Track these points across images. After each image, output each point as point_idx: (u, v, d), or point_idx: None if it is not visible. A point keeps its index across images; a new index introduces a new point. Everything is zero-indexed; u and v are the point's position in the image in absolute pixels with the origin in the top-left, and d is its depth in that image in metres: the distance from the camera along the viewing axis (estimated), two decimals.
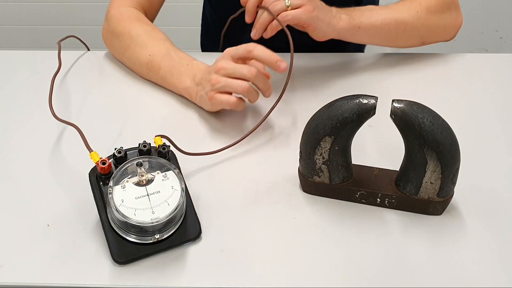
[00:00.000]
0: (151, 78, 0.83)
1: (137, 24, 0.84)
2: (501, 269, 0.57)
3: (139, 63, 0.82)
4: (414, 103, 0.58)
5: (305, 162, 0.63)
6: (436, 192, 0.60)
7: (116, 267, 0.57)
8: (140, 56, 0.81)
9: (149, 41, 0.82)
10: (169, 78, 0.79)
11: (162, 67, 0.79)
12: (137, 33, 0.82)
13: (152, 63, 0.80)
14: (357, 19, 0.80)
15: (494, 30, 2.02)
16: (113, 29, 0.85)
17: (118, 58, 0.88)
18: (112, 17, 0.86)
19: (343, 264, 0.57)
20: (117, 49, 0.86)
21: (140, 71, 0.84)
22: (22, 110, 0.78)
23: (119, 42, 0.84)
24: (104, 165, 0.57)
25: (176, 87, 0.79)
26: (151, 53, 0.80)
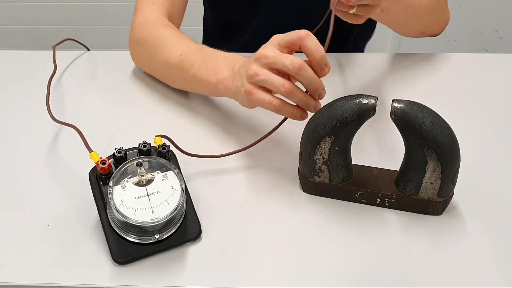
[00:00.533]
0: (181, 80, 0.77)
1: (163, 28, 0.79)
2: (501, 269, 0.57)
3: (168, 66, 0.76)
4: (414, 103, 0.58)
5: (305, 162, 0.63)
6: (436, 192, 0.60)
7: (116, 267, 0.57)
8: (169, 57, 0.75)
9: (178, 41, 0.76)
10: (202, 72, 0.71)
11: (195, 63, 0.72)
12: (164, 35, 0.78)
13: (183, 62, 0.73)
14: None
15: (494, 30, 2.02)
16: (138, 37, 0.81)
17: (145, 66, 0.83)
18: (136, 25, 0.81)
19: (343, 264, 0.57)
20: (144, 56, 0.81)
21: (169, 75, 0.78)
22: (22, 111, 0.78)
23: (144, 48, 0.80)
24: (104, 165, 0.57)
25: (210, 82, 0.70)
26: (182, 53, 0.74)
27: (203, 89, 0.74)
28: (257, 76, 0.60)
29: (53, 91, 0.82)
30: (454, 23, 1.98)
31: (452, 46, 2.04)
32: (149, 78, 0.84)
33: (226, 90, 0.68)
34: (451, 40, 2.03)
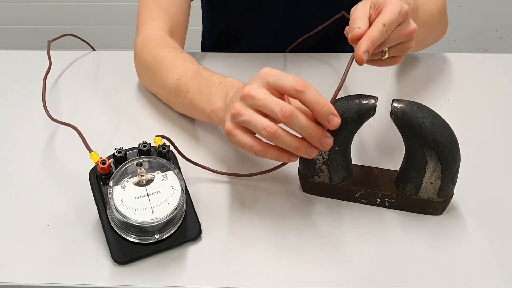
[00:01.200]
0: (180, 105, 0.74)
1: (161, 48, 0.76)
2: (501, 269, 0.57)
3: (167, 90, 0.73)
4: (414, 103, 0.58)
5: (305, 162, 0.63)
6: (436, 192, 0.60)
7: (116, 267, 0.57)
8: (167, 81, 0.72)
9: (176, 62, 0.73)
10: (197, 99, 0.68)
11: (190, 89, 0.69)
12: (161, 56, 0.74)
13: (180, 87, 0.70)
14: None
15: (494, 30, 2.02)
16: (139, 58, 0.78)
17: (149, 88, 0.80)
18: (138, 44, 0.79)
19: (343, 264, 0.57)
20: (146, 78, 0.79)
21: (169, 99, 0.75)
22: (22, 110, 0.78)
23: (145, 70, 0.77)
24: (104, 165, 0.57)
25: (204, 110, 0.66)
26: (178, 77, 0.71)
27: (200, 116, 0.70)
28: (240, 116, 0.55)
29: (54, 91, 0.82)
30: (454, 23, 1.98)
31: (452, 46, 2.04)
32: None
33: (219, 121, 0.65)
34: (451, 40, 2.03)
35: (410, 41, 0.61)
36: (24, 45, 2.05)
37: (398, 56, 0.62)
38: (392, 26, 0.57)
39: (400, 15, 0.57)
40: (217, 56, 0.82)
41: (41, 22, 2.00)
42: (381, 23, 0.56)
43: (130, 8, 1.92)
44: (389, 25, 0.56)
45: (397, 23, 0.58)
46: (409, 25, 0.59)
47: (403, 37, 0.59)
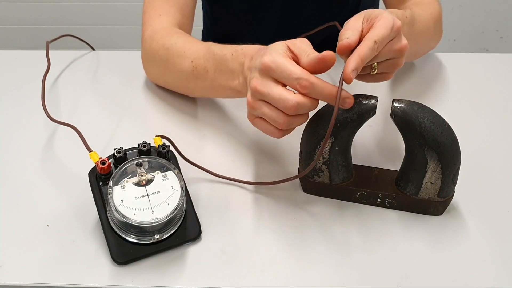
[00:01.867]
0: (201, 88, 0.73)
1: (169, 36, 0.75)
2: (502, 269, 0.57)
3: (184, 75, 0.72)
4: (414, 103, 0.58)
5: (305, 162, 0.63)
6: (437, 192, 0.60)
7: (116, 267, 0.57)
8: (182, 66, 0.72)
9: (186, 45, 0.72)
10: (219, 78, 0.67)
11: (209, 69, 0.68)
12: (171, 43, 0.73)
13: (197, 69, 0.70)
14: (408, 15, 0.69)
15: (494, 30, 2.02)
16: (148, 51, 0.77)
17: (161, 81, 0.80)
18: (146, 39, 0.78)
19: (343, 264, 0.57)
20: (157, 70, 0.78)
21: (187, 85, 0.74)
22: (21, 111, 0.78)
23: (156, 62, 0.77)
24: (104, 165, 0.57)
25: (231, 86, 0.66)
26: (193, 59, 0.70)
27: (227, 94, 0.69)
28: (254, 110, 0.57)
29: (53, 91, 0.82)
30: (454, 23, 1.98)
31: (452, 46, 2.04)
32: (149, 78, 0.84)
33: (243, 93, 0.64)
34: (451, 40, 2.03)
35: (400, 58, 0.58)
36: (23, 45, 2.05)
37: (387, 72, 0.60)
38: (383, 42, 0.55)
39: (392, 31, 0.55)
40: None
41: (40, 22, 2.00)
42: (372, 40, 0.54)
43: (129, 8, 1.92)
44: (381, 41, 0.54)
45: (389, 39, 0.56)
46: (401, 41, 0.57)
47: (393, 53, 0.57)
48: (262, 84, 0.55)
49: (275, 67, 0.54)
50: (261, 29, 0.99)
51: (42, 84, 0.78)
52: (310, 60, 0.54)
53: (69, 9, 1.97)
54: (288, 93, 0.54)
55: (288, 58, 0.55)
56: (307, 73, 0.54)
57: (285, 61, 0.54)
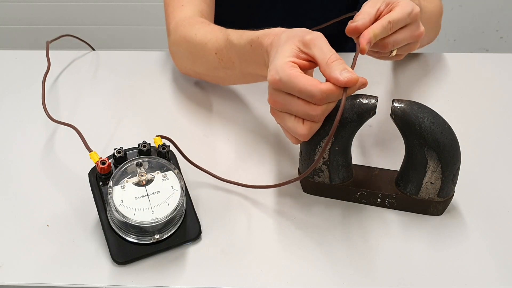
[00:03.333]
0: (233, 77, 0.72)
1: (190, 28, 0.75)
2: (502, 269, 0.57)
3: (212, 67, 0.72)
4: (414, 103, 0.58)
5: (305, 162, 0.63)
6: (437, 192, 0.60)
7: (116, 267, 0.57)
8: (207, 58, 0.71)
9: (206, 36, 0.71)
10: (247, 67, 0.66)
11: (234, 60, 0.67)
12: (191, 35, 0.73)
13: (223, 60, 0.69)
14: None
15: (494, 30, 2.02)
16: (173, 43, 0.78)
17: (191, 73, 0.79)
18: (171, 31, 0.78)
19: (343, 264, 0.57)
20: (184, 62, 0.78)
21: (218, 75, 0.73)
22: (21, 111, 0.78)
23: (181, 54, 0.77)
24: (104, 165, 0.57)
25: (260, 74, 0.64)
26: (216, 50, 0.69)
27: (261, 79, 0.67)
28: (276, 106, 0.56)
29: (54, 91, 0.82)
30: (454, 23, 1.98)
31: (452, 46, 2.04)
32: (149, 78, 0.84)
33: None
34: (451, 40, 2.03)
35: (416, 43, 0.63)
36: (23, 45, 2.05)
37: (401, 54, 0.65)
38: (397, 25, 0.58)
39: (410, 17, 0.59)
40: None
41: (40, 22, 2.00)
42: (386, 20, 0.58)
43: (129, 8, 1.92)
44: (395, 23, 0.58)
45: (404, 23, 0.59)
46: (419, 28, 0.61)
47: (412, 38, 0.61)
48: (277, 101, 0.55)
49: (283, 85, 0.53)
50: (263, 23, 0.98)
51: (42, 84, 0.78)
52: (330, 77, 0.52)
53: (69, 9, 1.96)
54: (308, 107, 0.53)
55: (292, 71, 0.53)
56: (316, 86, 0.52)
57: (290, 77, 0.52)
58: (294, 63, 0.54)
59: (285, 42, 0.56)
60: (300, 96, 0.53)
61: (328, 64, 0.53)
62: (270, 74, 0.54)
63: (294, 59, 0.54)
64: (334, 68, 0.53)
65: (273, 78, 0.53)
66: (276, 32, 0.59)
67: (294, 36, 0.56)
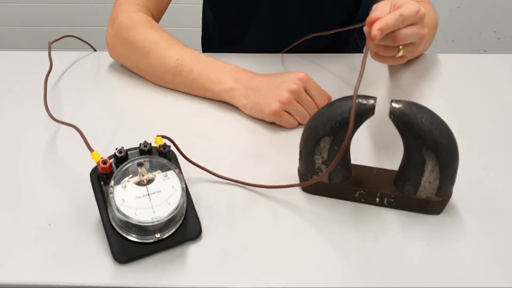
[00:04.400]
0: (178, 84, 0.80)
1: (153, 31, 0.82)
2: (500, 269, 0.57)
3: (164, 68, 0.80)
4: (413, 103, 0.58)
5: (304, 162, 0.63)
6: (435, 191, 0.60)
7: (117, 266, 0.57)
8: (165, 61, 0.79)
9: (171, 46, 0.80)
10: (203, 80, 0.77)
11: (194, 70, 0.78)
12: (155, 39, 0.80)
13: (181, 66, 0.78)
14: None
15: (492, 31, 2.02)
16: (124, 36, 0.82)
17: (130, 65, 0.85)
18: (121, 23, 0.83)
19: (343, 263, 0.58)
20: (130, 56, 0.83)
21: (164, 77, 0.81)
22: (23, 111, 0.79)
23: (133, 49, 0.82)
24: (105, 164, 0.58)
25: (212, 89, 0.77)
26: (178, 57, 0.78)
27: (203, 94, 0.79)
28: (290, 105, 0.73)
29: (55, 91, 0.82)
30: (452, 24, 1.99)
31: (450, 47, 2.04)
32: None
33: (232, 100, 0.76)
34: (449, 41, 2.04)
35: (420, 44, 0.65)
36: (26, 46, 2.05)
37: (405, 56, 0.67)
38: (407, 18, 0.61)
39: (417, 15, 0.62)
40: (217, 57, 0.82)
41: (42, 23, 2.00)
42: (398, 13, 0.61)
43: None
44: (405, 17, 0.61)
45: (413, 19, 0.62)
46: (424, 28, 0.64)
47: (417, 36, 0.63)
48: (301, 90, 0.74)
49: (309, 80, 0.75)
50: (263, 22, 0.99)
51: (44, 85, 0.78)
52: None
53: (71, 10, 1.97)
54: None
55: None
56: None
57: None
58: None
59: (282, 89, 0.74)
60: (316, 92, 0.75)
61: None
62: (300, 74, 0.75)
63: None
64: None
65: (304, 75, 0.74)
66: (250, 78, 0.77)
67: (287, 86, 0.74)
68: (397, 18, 0.61)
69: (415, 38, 0.64)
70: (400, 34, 0.62)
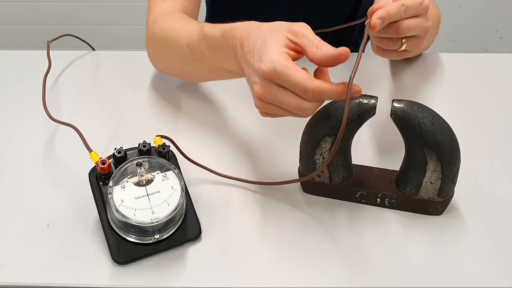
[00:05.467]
0: (201, 72, 0.71)
1: (167, 20, 0.73)
2: (501, 269, 0.57)
3: (182, 59, 0.70)
4: (414, 103, 0.58)
5: (305, 162, 0.63)
6: (436, 192, 0.60)
7: (116, 267, 0.57)
8: (179, 50, 0.69)
9: (181, 28, 0.70)
10: (215, 60, 0.65)
11: (205, 51, 0.65)
12: (167, 26, 0.71)
13: (194, 52, 0.67)
14: None
15: (494, 30, 2.02)
16: (150, 36, 0.76)
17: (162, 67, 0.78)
18: (149, 23, 0.77)
19: (343, 264, 0.57)
20: (156, 55, 0.77)
21: (186, 68, 0.72)
22: (22, 110, 0.78)
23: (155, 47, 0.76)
24: (104, 165, 0.57)
25: (227, 68, 0.63)
26: (188, 42, 0.67)
27: (226, 75, 0.67)
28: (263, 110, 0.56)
29: (54, 91, 0.82)
30: (454, 23, 1.98)
31: (452, 46, 2.04)
32: (149, 77, 0.84)
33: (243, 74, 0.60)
34: (451, 40, 2.03)
35: (423, 38, 0.62)
36: (24, 45, 2.05)
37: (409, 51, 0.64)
38: (410, 9, 0.59)
39: (421, 7, 0.60)
40: None
41: (40, 22, 2.00)
42: (400, 2, 0.58)
43: (129, 8, 1.92)
44: (408, 7, 0.58)
45: (416, 11, 0.59)
46: (427, 20, 0.62)
47: (421, 29, 0.61)
48: (269, 92, 0.53)
49: (277, 77, 0.52)
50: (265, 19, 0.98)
51: (43, 84, 0.78)
52: (322, 55, 0.52)
53: (69, 9, 1.96)
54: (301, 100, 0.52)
55: (288, 62, 0.52)
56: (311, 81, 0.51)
57: (286, 69, 0.51)
58: (287, 54, 0.53)
59: (271, 32, 0.54)
60: (292, 89, 0.52)
61: (317, 47, 0.52)
62: (264, 64, 0.52)
63: (287, 50, 0.53)
64: (323, 48, 0.52)
65: (267, 68, 0.51)
66: (250, 23, 0.58)
67: (280, 27, 0.55)
68: (399, 7, 0.58)
69: (418, 31, 0.61)
70: (402, 25, 0.59)
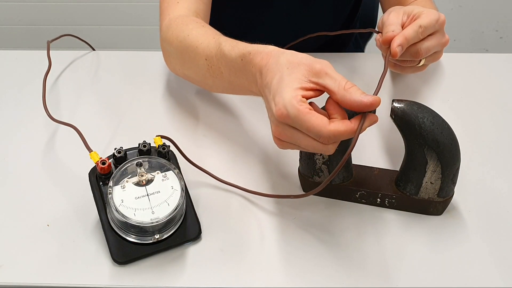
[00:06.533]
0: (221, 87, 0.68)
1: (184, 27, 0.70)
2: (501, 269, 0.57)
3: (200, 72, 0.68)
4: (414, 103, 0.58)
5: (305, 162, 0.63)
6: (436, 192, 0.60)
7: (116, 267, 0.57)
8: (197, 62, 0.67)
9: (198, 39, 0.67)
10: (235, 80, 0.62)
11: (223, 70, 0.63)
12: (183, 35, 0.69)
13: (212, 68, 0.65)
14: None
15: (494, 30, 2.02)
16: (165, 41, 0.74)
17: (180, 73, 0.75)
18: (163, 28, 0.74)
19: (343, 264, 0.57)
20: (173, 61, 0.74)
21: (206, 81, 0.69)
22: (22, 110, 0.78)
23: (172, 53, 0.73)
24: (104, 165, 0.57)
25: (249, 89, 0.61)
26: (206, 57, 0.65)
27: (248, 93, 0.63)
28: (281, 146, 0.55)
29: (54, 91, 0.82)
30: (454, 23, 1.98)
31: (452, 46, 2.04)
32: (149, 77, 0.84)
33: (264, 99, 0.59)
34: (451, 40, 2.03)
35: (442, 51, 0.64)
36: (24, 45, 2.05)
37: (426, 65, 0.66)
38: (427, 29, 0.59)
39: (437, 23, 0.61)
40: None
41: (40, 22, 2.00)
42: (417, 24, 0.58)
43: (129, 8, 1.92)
44: (425, 27, 0.59)
45: (433, 29, 0.60)
46: (445, 35, 0.63)
47: (440, 45, 0.62)
48: (284, 134, 0.53)
49: (291, 121, 0.51)
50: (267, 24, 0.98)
51: (43, 84, 0.78)
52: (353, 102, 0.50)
53: (69, 9, 1.96)
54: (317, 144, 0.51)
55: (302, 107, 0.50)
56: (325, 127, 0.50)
57: (300, 114, 0.50)
58: (302, 97, 0.51)
59: (290, 69, 0.52)
60: (307, 134, 0.51)
61: (346, 90, 0.51)
62: (277, 108, 0.51)
63: (303, 92, 0.51)
64: (353, 93, 0.50)
65: (281, 113, 0.50)
66: (270, 51, 0.55)
67: (300, 64, 0.52)
68: (416, 30, 0.57)
69: (437, 48, 0.62)
70: (422, 50, 0.59)
